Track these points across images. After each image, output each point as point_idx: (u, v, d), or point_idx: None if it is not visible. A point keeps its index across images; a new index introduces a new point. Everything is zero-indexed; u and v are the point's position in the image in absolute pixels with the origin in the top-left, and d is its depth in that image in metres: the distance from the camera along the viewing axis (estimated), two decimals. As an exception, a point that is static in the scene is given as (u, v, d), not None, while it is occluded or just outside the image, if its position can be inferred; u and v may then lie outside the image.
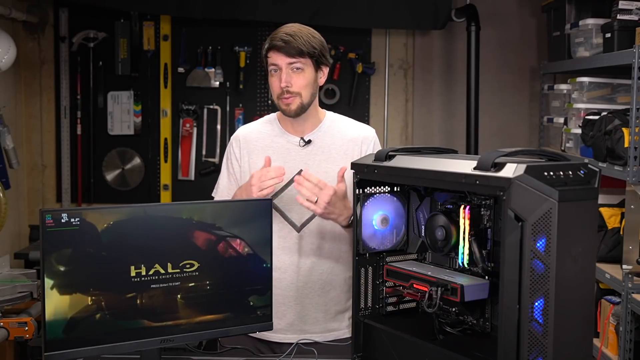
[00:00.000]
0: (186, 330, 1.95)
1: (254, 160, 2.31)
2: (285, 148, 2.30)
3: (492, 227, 1.76)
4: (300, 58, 2.19)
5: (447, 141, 4.49)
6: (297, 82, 2.21)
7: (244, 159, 2.33)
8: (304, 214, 2.27)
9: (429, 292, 1.75)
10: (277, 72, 2.22)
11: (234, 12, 4.15)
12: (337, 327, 2.34)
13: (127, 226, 1.86)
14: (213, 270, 1.97)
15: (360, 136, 2.32)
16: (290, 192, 2.27)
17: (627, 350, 2.72)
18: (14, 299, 2.86)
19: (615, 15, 3.04)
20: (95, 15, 4.39)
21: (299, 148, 2.30)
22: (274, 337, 2.30)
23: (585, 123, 3.13)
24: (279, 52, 2.19)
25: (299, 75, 2.21)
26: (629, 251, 2.76)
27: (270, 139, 2.32)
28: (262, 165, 2.24)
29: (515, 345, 1.53)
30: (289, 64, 2.20)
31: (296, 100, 2.22)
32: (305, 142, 2.30)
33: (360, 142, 2.31)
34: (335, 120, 2.37)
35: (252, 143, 2.33)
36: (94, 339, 1.84)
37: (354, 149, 2.29)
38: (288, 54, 2.19)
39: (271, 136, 2.33)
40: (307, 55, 2.20)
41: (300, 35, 2.20)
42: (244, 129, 2.39)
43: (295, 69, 2.20)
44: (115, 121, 4.48)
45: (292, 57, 2.19)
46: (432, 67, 4.53)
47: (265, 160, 2.21)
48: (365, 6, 4.20)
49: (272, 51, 2.21)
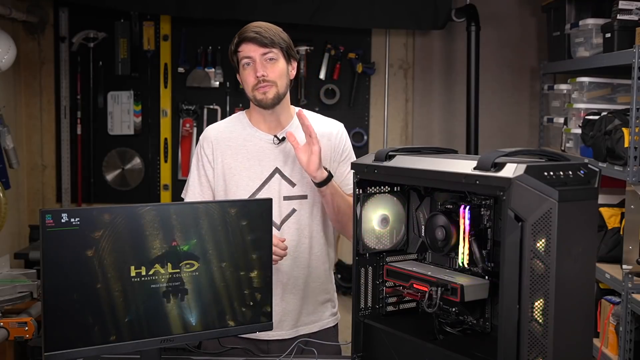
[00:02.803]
0: (186, 330, 1.95)
1: (228, 161, 2.31)
2: (258, 147, 2.31)
3: (492, 227, 1.76)
4: (272, 48, 2.23)
5: (447, 141, 4.48)
6: (272, 71, 2.24)
7: (217, 161, 2.32)
8: (283, 210, 2.29)
9: (429, 292, 1.75)
10: (250, 65, 2.24)
11: (234, 12, 4.15)
12: (319, 317, 2.37)
13: (127, 226, 1.86)
14: (213, 270, 1.97)
15: (332, 133, 2.35)
16: (268, 190, 2.28)
17: (627, 350, 2.72)
18: (14, 299, 2.85)
19: (615, 15, 3.04)
20: (95, 15, 4.40)
21: (273, 146, 2.31)
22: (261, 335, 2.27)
23: (585, 123, 3.13)
24: (251, 44, 2.23)
25: (273, 65, 2.24)
26: (629, 251, 2.76)
27: (242, 138, 2.33)
28: (237, 166, 2.28)
29: (515, 345, 1.53)
30: (262, 54, 2.23)
31: (272, 89, 2.24)
32: (279, 139, 2.31)
33: (334, 137, 2.34)
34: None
35: (224, 143, 2.33)
36: (94, 339, 1.84)
37: (326, 144, 2.31)
38: (261, 44, 2.22)
39: (243, 135, 2.33)
40: (278, 46, 2.24)
41: (268, 28, 2.26)
42: (213, 129, 2.38)
43: (269, 60, 2.23)
44: (115, 121, 4.48)
45: (265, 47, 2.22)
46: (432, 67, 4.53)
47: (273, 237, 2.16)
48: (365, 6, 4.20)
49: (244, 44, 2.24)
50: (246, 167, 2.30)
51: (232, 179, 2.30)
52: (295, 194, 2.30)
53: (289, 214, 2.31)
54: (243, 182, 2.29)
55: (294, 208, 2.30)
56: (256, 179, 2.30)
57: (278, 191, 2.29)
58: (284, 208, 2.30)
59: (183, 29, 4.44)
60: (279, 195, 2.29)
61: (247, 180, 2.29)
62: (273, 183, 2.30)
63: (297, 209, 2.31)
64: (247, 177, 2.30)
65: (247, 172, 2.30)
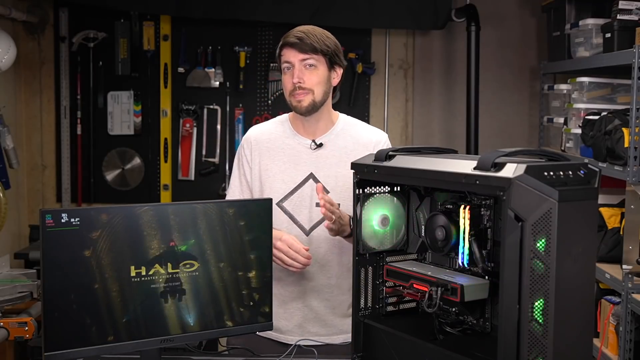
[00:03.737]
0: (188, 330, 1.95)
1: (265, 162, 2.30)
2: (296, 150, 2.29)
3: (492, 227, 1.76)
4: (313, 55, 2.19)
5: (447, 141, 4.48)
6: (310, 78, 2.20)
7: (254, 161, 2.31)
8: (313, 217, 2.26)
9: (429, 292, 1.75)
10: (289, 70, 2.22)
11: (234, 12, 4.15)
12: (346, 329, 2.31)
13: (127, 226, 1.86)
14: (211, 270, 1.97)
15: (372, 141, 2.31)
16: (300, 195, 2.26)
17: (627, 350, 2.72)
18: (14, 299, 2.85)
19: (615, 15, 3.04)
20: (95, 15, 4.39)
21: (310, 151, 2.29)
22: (282, 338, 2.30)
23: (585, 123, 3.13)
24: (292, 49, 2.20)
25: (312, 72, 2.20)
26: (629, 251, 2.76)
27: (282, 141, 2.31)
28: (273, 168, 2.26)
29: (515, 345, 1.53)
30: (301, 60, 2.19)
31: (308, 96, 2.21)
32: (317, 145, 2.28)
33: (373, 147, 2.29)
34: (349, 123, 2.36)
35: (263, 145, 2.32)
36: (94, 339, 1.84)
37: (365, 154, 2.25)
38: (301, 50, 2.19)
39: (282, 138, 2.31)
40: (320, 52, 2.20)
41: (313, 33, 2.21)
42: (255, 130, 2.37)
43: (308, 66, 2.20)
44: (115, 121, 4.48)
45: (305, 54, 2.19)
46: (432, 67, 4.53)
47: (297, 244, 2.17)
48: (365, 6, 4.20)
49: (285, 48, 2.21)
50: (281, 170, 2.28)
51: (267, 181, 2.29)
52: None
53: (320, 221, 2.26)
54: (277, 184, 2.27)
55: None
56: (290, 182, 2.27)
57: (310, 197, 2.26)
58: (314, 214, 2.25)
59: (183, 29, 4.43)
60: (310, 201, 2.26)
61: (281, 183, 2.27)
62: (306, 188, 2.27)
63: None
64: (282, 180, 2.27)
65: (281, 175, 2.28)
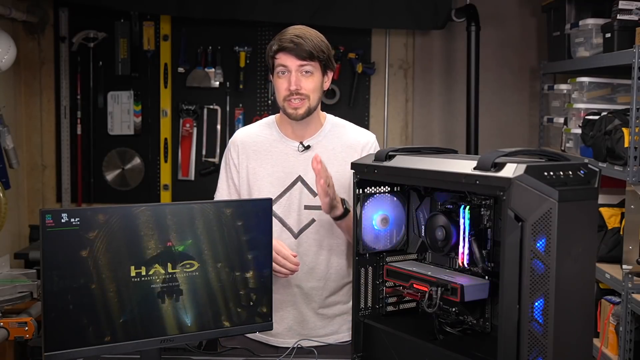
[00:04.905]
0: (186, 330, 1.95)
1: (253, 165, 2.29)
2: (283, 153, 2.28)
3: (492, 227, 1.76)
4: (310, 61, 2.17)
5: (447, 141, 4.48)
6: (307, 85, 2.19)
7: (242, 165, 2.30)
8: (302, 219, 2.26)
9: (429, 292, 1.75)
10: (285, 75, 2.19)
11: (234, 12, 4.15)
12: (335, 330, 2.33)
13: (127, 226, 1.86)
14: (213, 270, 1.97)
15: (360, 142, 2.30)
16: (288, 198, 2.26)
17: (627, 350, 2.72)
18: (14, 299, 2.85)
19: (615, 15, 3.04)
20: (95, 15, 4.39)
21: (297, 153, 2.28)
22: (273, 341, 2.30)
23: (585, 123, 3.13)
24: (289, 54, 2.17)
25: (309, 78, 2.19)
26: (629, 251, 2.76)
27: (269, 144, 2.30)
28: (261, 171, 2.25)
29: (515, 345, 1.53)
30: (299, 66, 2.17)
31: (305, 103, 2.19)
32: (304, 147, 2.28)
33: (361, 148, 2.29)
34: (336, 124, 2.35)
35: (250, 147, 2.30)
36: (94, 339, 1.84)
37: (353, 156, 2.22)
38: (299, 57, 2.16)
39: (270, 140, 2.30)
40: (317, 59, 2.18)
41: (310, 37, 2.18)
42: (241, 133, 2.36)
43: (305, 72, 2.18)
44: (115, 121, 4.48)
45: (302, 60, 2.17)
46: (432, 67, 4.53)
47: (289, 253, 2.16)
48: (365, 6, 4.20)
49: (282, 52, 2.18)
50: (269, 173, 2.27)
51: (255, 184, 2.28)
52: (317, 204, 2.21)
53: (308, 224, 2.26)
54: (265, 187, 2.26)
55: (313, 218, 2.26)
56: (278, 185, 2.26)
57: (299, 199, 2.26)
58: (303, 217, 2.25)
59: (183, 29, 4.43)
60: (299, 204, 2.26)
61: (269, 187, 2.26)
62: (295, 191, 2.26)
63: (317, 220, 2.26)
64: (270, 183, 2.27)
65: (269, 178, 2.27)
